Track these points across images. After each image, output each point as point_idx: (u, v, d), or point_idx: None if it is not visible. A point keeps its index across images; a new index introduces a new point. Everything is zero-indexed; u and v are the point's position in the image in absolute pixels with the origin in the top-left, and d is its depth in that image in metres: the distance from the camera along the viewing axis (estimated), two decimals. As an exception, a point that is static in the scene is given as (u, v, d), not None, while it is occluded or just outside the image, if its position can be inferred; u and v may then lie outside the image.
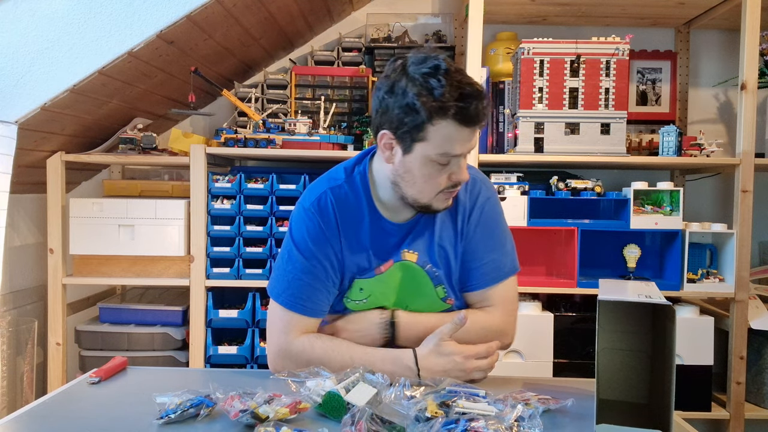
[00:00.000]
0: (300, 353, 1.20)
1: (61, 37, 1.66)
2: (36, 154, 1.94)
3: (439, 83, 1.09)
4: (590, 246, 2.09)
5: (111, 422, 0.99)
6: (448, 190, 1.18)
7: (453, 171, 1.16)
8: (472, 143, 1.15)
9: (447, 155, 1.13)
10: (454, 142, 1.12)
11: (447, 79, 1.10)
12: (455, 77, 1.11)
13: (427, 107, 1.10)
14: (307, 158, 2.16)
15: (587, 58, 2.04)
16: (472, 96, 1.10)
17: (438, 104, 1.09)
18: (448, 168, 1.16)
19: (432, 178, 1.16)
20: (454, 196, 1.25)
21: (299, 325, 1.22)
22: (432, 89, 1.10)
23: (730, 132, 2.47)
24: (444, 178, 1.16)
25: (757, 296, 2.18)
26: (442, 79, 1.10)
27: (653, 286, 1.10)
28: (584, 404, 1.04)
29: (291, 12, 2.10)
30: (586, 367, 2.01)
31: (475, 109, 1.10)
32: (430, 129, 1.11)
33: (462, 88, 1.10)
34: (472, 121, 1.11)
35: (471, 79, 1.13)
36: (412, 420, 0.93)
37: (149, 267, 2.06)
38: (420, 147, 1.14)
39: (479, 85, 1.13)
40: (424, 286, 1.27)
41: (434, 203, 1.20)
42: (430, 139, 1.12)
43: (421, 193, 1.18)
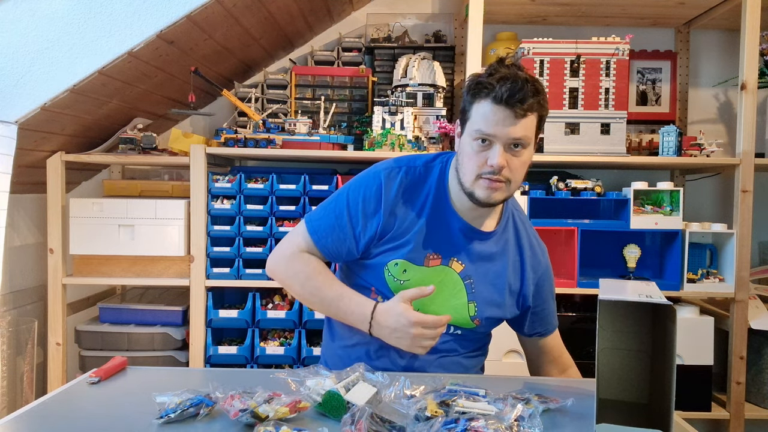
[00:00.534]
0: (296, 263, 1.32)
1: (61, 37, 1.66)
2: (36, 154, 1.94)
3: (487, 70, 1.21)
4: (590, 246, 2.09)
5: (111, 422, 0.99)
6: (487, 177, 1.20)
7: (490, 155, 1.19)
8: (508, 130, 1.17)
9: (480, 132, 1.18)
10: (488, 120, 1.18)
11: (495, 67, 1.20)
12: (505, 67, 1.20)
13: (471, 88, 1.21)
14: (307, 158, 2.16)
15: (587, 58, 2.04)
16: (509, 78, 1.16)
17: (480, 86, 1.19)
18: (487, 152, 1.20)
19: (472, 157, 1.21)
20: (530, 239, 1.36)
21: (309, 249, 1.33)
22: (480, 75, 1.21)
23: (730, 132, 2.47)
24: (482, 160, 1.20)
25: (757, 296, 2.18)
26: (492, 67, 1.21)
27: (653, 286, 1.10)
28: (584, 404, 1.04)
29: (291, 12, 2.10)
30: (586, 367, 2.00)
31: (509, 90, 1.15)
32: (473, 108, 1.21)
33: (504, 73, 1.18)
34: (507, 102, 1.15)
35: (520, 71, 1.20)
36: (412, 419, 0.93)
37: (149, 267, 2.06)
38: (467, 127, 1.23)
39: (526, 74, 1.19)
40: (459, 298, 1.30)
41: (476, 189, 1.22)
42: (472, 117, 1.21)
43: (465, 175, 1.23)
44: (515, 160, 1.20)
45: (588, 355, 2.04)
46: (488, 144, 1.19)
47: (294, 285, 1.34)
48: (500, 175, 1.20)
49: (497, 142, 1.18)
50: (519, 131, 1.17)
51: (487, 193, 1.22)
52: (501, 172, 1.20)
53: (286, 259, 1.35)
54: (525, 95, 1.15)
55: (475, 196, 1.23)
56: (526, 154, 1.22)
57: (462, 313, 1.30)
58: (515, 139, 1.18)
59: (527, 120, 1.18)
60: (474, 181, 1.22)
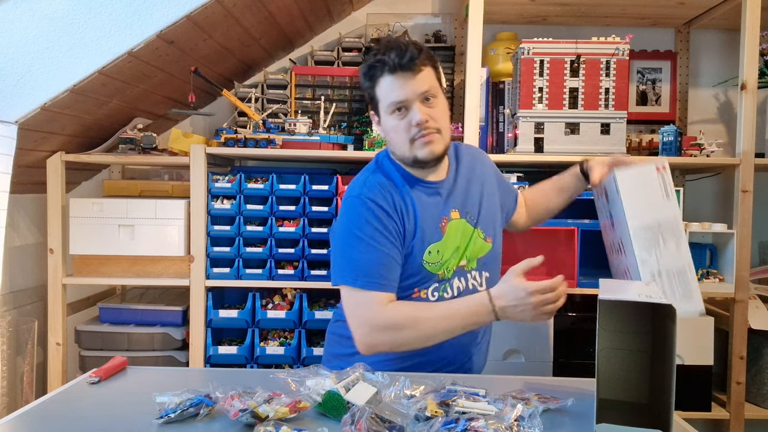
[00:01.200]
0: (390, 319, 1.25)
1: (61, 37, 1.66)
2: (36, 154, 1.94)
3: (369, 54, 1.31)
4: (590, 246, 2.08)
5: (111, 422, 0.99)
6: (418, 136, 1.28)
7: (411, 117, 1.28)
8: (414, 88, 1.26)
9: (393, 103, 1.28)
10: (395, 89, 1.27)
11: (374, 48, 1.32)
12: (381, 43, 1.30)
13: (367, 76, 1.31)
14: (307, 158, 2.16)
15: (587, 58, 2.04)
16: (393, 47, 1.26)
17: (372, 68, 1.29)
18: (407, 116, 1.28)
19: (397, 129, 1.30)
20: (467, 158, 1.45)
21: (382, 300, 1.27)
22: (366, 61, 1.32)
23: (730, 132, 2.47)
24: (407, 125, 1.28)
25: (757, 296, 2.18)
26: (372, 50, 1.32)
27: (653, 286, 1.10)
28: (584, 404, 1.04)
29: (291, 12, 2.10)
30: (587, 367, 2.00)
31: (397, 55, 1.25)
32: (377, 90, 1.30)
33: (385, 45, 1.28)
34: (402, 66, 1.25)
35: (395, 38, 1.33)
36: (412, 419, 0.93)
37: (149, 267, 2.06)
38: (380, 108, 1.32)
39: (401, 40, 1.29)
40: (469, 232, 1.39)
41: (416, 152, 1.30)
42: (381, 98, 1.30)
43: (401, 148, 1.32)
44: (434, 111, 1.29)
45: (588, 355, 2.04)
46: (404, 110, 1.28)
47: (411, 342, 1.26)
48: (428, 128, 1.28)
49: (411, 103, 1.27)
50: (423, 84, 1.27)
51: (426, 149, 1.29)
52: (426, 125, 1.28)
53: (377, 329, 1.25)
54: (413, 54, 1.25)
55: (419, 158, 1.30)
56: (440, 102, 1.31)
57: (479, 243, 1.39)
58: (424, 92, 1.27)
59: (424, 73, 1.27)
60: (410, 147, 1.30)
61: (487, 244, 1.42)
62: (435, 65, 1.32)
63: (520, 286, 1.21)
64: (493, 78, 2.28)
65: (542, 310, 1.20)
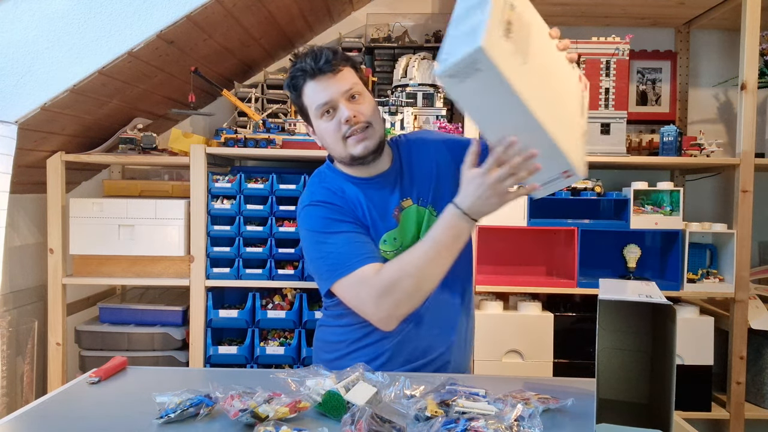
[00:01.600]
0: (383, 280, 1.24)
1: (61, 37, 1.66)
2: (36, 154, 1.94)
3: (290, 69, 1.35)
4: (590, 246, 2.09)
5: (111, 422, 0.99)
6: (350, 133, 1.29)
7: (339, 115, 1.29)
8: (336, 87, 1.29)
9: (320, 105, 1.30)
10: (318, 93, 1.30)
11: (293, 60, 1.36)
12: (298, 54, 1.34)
13: (290, 86, 1.34)
14: (307, 158, 2.16)
15: (587, 58, 2.04)
16: (308, 54, 1.30)
17: (294, 79, 1.32)
18: (336, 116, 1.30)
19: (329, 131, 1.31)
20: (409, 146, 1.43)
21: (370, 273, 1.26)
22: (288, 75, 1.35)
23: (730, 132, 2.47)
24: (337, 125, 1.30)
25: (757, 296, 2.18)
26: (292, 64, 1.35)
27: (653, 286, 1.10)
28: (584, 404, 1.04)
29: (291, 12, 2.10)
30: (587, 367, 2.01)
31: (313, 60, 1.28)
32: (303, 99, 1.33)
33: (301, 54, 1.32)
34: (320, 69, 1.28)
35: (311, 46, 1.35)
36: (412, 419, 0.93)
37: (149, 267, 2.06)
38: (311, 116, 1.34)
39: (316, 46, 1.33)
40: (422, 215, 1.38)
41: (350, 150, 1.31)
42: (308, 105, 1.33)
43: (337, 149, 1.33)
44: (361, 106, 1.31)
45: (588, 355, 2.04)
46: (332, 111, 1.30)
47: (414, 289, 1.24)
48: (357, 123, 1.29)
49: (337, 102, 1.29)
50: (345, 83, 1.29)
51: (360, 146, 1.30)
52: (356, 121, 1.29)
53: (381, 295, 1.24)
54: (327, 56, 1.28)
55: (355, 155, 1.31)
56: (366, 98, 1.33)
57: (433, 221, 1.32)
58: (347, 90, 1.29)
59: (344, 73, 1.30)
60: (344, 146, 1.31)
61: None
62: (355, 66, 1.35)
63: (471, 177, 1.19)
64: (493, 78, 2.28)
65: (502, 187, 1.15)
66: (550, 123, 1.05)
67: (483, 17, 0.97)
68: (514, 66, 1.00)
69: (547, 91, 1.08)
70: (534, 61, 1.06)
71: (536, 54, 1.07)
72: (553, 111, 1.08)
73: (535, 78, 1.05)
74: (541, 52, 1.10)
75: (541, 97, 1.05)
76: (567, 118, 1.13)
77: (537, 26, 1.13)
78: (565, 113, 1.13)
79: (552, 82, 1.11)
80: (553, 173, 1.12)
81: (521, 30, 1.05)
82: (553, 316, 2.05)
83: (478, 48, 0.93)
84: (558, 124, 1.08)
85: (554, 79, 1.12)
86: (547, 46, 1.14)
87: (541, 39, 1.13)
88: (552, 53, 1.15)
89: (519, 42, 1.03)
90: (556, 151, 1.07)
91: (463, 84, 1.00)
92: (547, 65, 1.11)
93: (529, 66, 1.04)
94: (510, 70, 0.99)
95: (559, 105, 1.12)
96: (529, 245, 2.22)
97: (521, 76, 1.01)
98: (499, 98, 1.01)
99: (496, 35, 0.97)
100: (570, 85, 1.17)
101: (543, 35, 1.14)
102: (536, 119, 1.03)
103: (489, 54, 0.94)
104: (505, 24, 1.01)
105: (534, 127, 1.04)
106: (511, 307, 2.12)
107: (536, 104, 1.03)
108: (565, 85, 1.16)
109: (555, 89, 1.12)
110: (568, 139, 1.10)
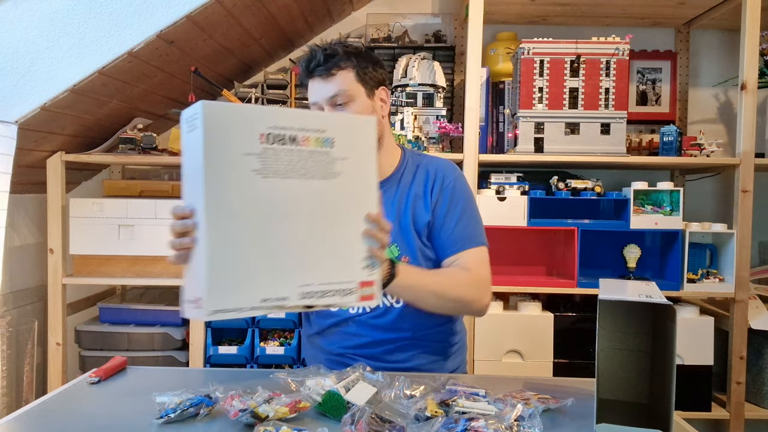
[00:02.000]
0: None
1: (61, 37, 1.66)
2: (36, 154, 1.94)
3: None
4: (590, 246, 2.09)
5: (111, 422, 0.99)
6: None
7: None
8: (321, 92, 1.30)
9: (312, 105, 1.34)
10: (310, 93, 1.33)
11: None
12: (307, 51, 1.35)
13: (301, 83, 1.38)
14: (307, 158, 2.16)
15: (587, 58, 2.04)
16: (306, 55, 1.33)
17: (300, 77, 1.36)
18: None
19: None
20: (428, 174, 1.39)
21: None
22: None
23: (730, 132, 2.47)
24: None
25: (757, 296, 2.18)
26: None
27: (653, 286, 1.10)
28: (584, 404, 1.04)
29: (291, 12, 2.10)
30: (586, 367, 2.01)
31: (305, 62, 1.31)
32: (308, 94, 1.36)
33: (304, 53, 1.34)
34: (312, 72, 1.30)
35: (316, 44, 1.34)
36: (412, 419, 0.93)
37: (149, 267, 2.06)
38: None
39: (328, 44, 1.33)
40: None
41: None
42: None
43: None
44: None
45: (588, 355, 2.04)
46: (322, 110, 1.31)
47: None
48: None
49: (324, 106, 1.31)
50: (330, 89, 1.29)
51: None
52: None
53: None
54: (319, 60, 1.29)
55: None
56: (356, 106, 1.31)
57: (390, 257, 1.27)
58: (331, 96, 1.30)
59: (337, 77, 1.29)
60: None
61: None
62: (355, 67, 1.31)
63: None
64: (493, 78, 2.28)
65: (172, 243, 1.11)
66: (225, 236, 0.93)
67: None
68: (232, 153, 0.92)
69: (272, 218, 0.96)
70: (283, 187, 0.96)
71: (294, 188, 0.97)
72: (254, 234, 0.95)
73: (266, 194, 0.94)
74: (312, 194, 0.99)
75: (246, 211, 0.93)
76: (286, 257, 0.97)
77: (346, 179, 1.03)
78: (292, 254, 0.97)
79: (299, 219, 0.98)
80: (199, 283, 0.96)
81: (292, 158, 0.97)
82: (553, 316, 2.05)
83: (202, 102, 0.88)
84: (246, 249, 0.94)
85: (307, 220, 0.99)
86: (341, 201, 1.03)
87: (334, 192, 1.02)
88: (341, 208, 1.03)
89: (275, 160, 0.95)
90: (200, 266, 0.96)
91: (189, 134, 0.93)
92: (312, 206, 0.99)
93: (266, 181, 0.94)
94: (217, 147, 0.90)
95: (285, 242, 0.97)
96: (529, 245, 2.22)
97: (233, 169, 0.92)
98: (196, 166, 0.92)
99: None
100: (338, 245, 1.03)
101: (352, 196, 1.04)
102: (205, 213, 0.92)
103: (206, 111, 0.89)
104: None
105: (201, 220, 0.94)
106: (511, 307, 2.12)
107: (225, 205, 0.92)
108: (324, 241, 1.01)
109: (296, 229, 0.98)
110: (244, 274, 0.94)
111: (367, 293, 1.04)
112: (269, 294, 0.96)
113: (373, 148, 1.06)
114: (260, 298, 0.95)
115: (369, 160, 1.07)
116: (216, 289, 0.94)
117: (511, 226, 2.03)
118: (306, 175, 0.99)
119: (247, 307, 0.94)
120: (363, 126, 1.07)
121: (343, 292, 1.02)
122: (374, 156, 1.07)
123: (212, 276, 0.94)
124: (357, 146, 1.05)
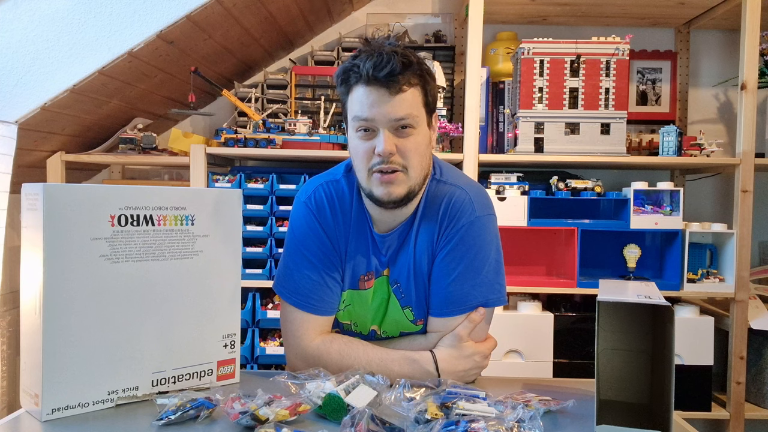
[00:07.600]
0: (317, 357, 1.16)
1: (61, 37, 1.66)
2: (36, 154, 1.94)
3: (353, 57, 1.10)
4: (590, 246, 2.09)
5: (110, 423, 0.99)
6: (378, 170, 1.09)
7: (375, 143, 1.08)
8: (386, 110, 1.06)
9: (358, 118, 1.08)
10: (363, 104, 1.07)
11: (360, 49, 1.11)
12: (369, 45, 1.10)
13: (340, 78, 1.11)
14: (307, 158, 2.16)
15: (587, 58, 2.04)
16: (374, 54, 1.06)
17: (347, 72, 1.09)
18: (373, 140, 1.09)
19: (358, 151, 1.10)
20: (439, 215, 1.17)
21: (314, 325, 1.18)
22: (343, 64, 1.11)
23: (730, 132, 2.47)
24: (369, 151, 1.09)
25: (757, 296, 2.18)
26: (358, 50, 1.11)
27: (653, 286, 1.10)
28: (584, 405, 1.04)
29: (291, 12, 2.10)
30: (586, 367, 2.01)
31: (373, 65, 1.04)
32: (349, 99, 1.11)
33: (368, 51, 1.08)
34: (376, 79, 1.05)
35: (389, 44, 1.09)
36: (412, 422, 0.93)
37: (149, 267, 2.06)
38: (349, 120, 1.13)
39: (396, 47, 1.08)
40: (393, 306, 1.22)
41: (373, 188, 1.11)
42: (350, 108, 1.11)
43: (359, 174, 1.13)
44: (406, 142, 1.08)
45: (588, 355, 2.04)
46: (371, 132, 1.08)
47: (333, 369, 1.14)
48: (391, 162, 1.07)
49: (380, 127, 1.07)
50: (399, 109, 1.06)
51: (383, 189, 1.09)
52: (391, 159, 1.07)
53: (301, 359, 1.18)
54: (393, 68, 1.04)
55: (375, 195, 1.11)
56: (418, 134, 1.10)
57: (403, 321, 1.22)
58: (398, 119, 1.06)
59: (407, 95, 1.06)
60: (368, 179, 1.11)
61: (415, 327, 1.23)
62: (426, 86, 1.11)
63: (477, 351, 1.16)
64: (493, 78, 2.28)
65: (480, 364, 1.18)
66: (63, 328, 0.92)
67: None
68: (75, 239, 0.91)
69: (121, 305, 0.95)
70: (135, 272, 0.95)
71: (148, 271, 0.96)
72: (99, 324, 0.93)
73: (114, 281, 0.94)
74: (169, 276, 0.98)
75: (89, 301, 0.92)
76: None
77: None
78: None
79: (153, 304, 0.97)
80: (35, 378, 0.93)
81: (147, 240, 0.96)
82: (553, 316, 2.05)
83: (43, 185, 0.88)
84: (88, 341, 0.93)
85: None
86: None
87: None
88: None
89: (126, 243, 0.94)
90: (36, 359, 0.91)
91: (29, 212, 0.94)
92: (169, 288, 0.98)
93: (116, 267, 0.93)
94: (58, 233, 0.90)
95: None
96: (529, 245, 2.22)
97: (77, 256, 0.91)
98: (34, 250, 0.90)
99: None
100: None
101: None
102: (42, 304, 0.92)
103: (46, 194, 0.88)
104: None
105: (37, 311, 0.92)
106: (511, 307, 2.12)
107: (64, 295, 0.93)
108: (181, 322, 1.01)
109: (148, 315, 0.97)
110: (86, 367, 0.92)
111: (227, 372, 1.05)
112: (116, 385, 0.95)
113: (238, 222, 1.00)
114: (107, 390, 0.94)
115: (232, 235, 1.04)
116: (53, 386, 0.89)
117: (511, 226, 2.03)
118: (162, 256, 0.96)
119: (92, 401, 0.93)
120: (227, 200, 1.02)
121: (200, 374, 1.01)
122: (238, 230, 1.01)
123: (48, 371, 0.89)
124: (220, 222, 1.02)
